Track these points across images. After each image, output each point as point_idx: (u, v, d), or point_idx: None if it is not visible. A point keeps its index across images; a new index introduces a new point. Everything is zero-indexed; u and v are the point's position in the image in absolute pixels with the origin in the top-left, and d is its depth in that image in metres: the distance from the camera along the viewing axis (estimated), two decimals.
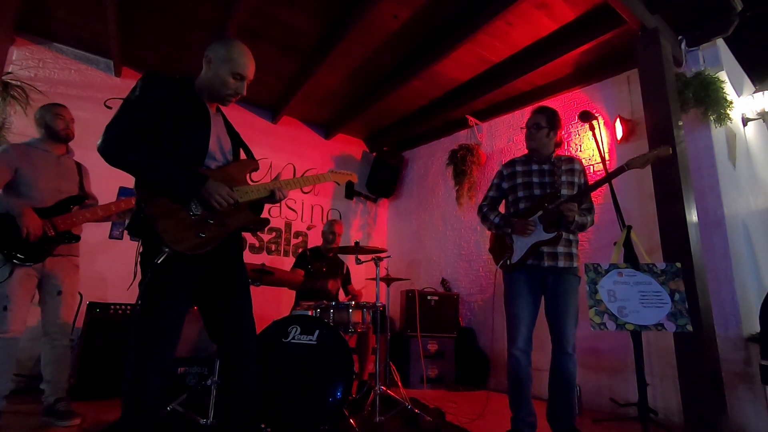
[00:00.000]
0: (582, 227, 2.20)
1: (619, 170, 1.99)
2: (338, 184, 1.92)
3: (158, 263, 1.35)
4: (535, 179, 2.28)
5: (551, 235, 2.13)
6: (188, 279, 1.45)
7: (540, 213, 2.18)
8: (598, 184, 2.09)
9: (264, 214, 1.74)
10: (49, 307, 2.35)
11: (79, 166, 2.57)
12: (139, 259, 1.45)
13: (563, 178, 2.23)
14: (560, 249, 2.17)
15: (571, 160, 2.32)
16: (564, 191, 2.20)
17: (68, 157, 2.53)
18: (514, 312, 2.19)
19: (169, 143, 1.44)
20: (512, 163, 2.40)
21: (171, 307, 1.41)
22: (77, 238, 2.41)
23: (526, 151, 2.40)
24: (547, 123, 2.26)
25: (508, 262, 2.23)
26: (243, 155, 1.75)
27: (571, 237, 2.20)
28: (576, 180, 2.27)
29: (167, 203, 1.40)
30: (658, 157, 1.97)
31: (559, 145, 2.33)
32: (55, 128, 2.42)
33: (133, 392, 1.34)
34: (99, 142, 1.37)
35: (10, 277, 2.19)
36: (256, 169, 1.71)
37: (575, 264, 2.19)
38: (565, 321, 2.10)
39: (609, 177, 2.03)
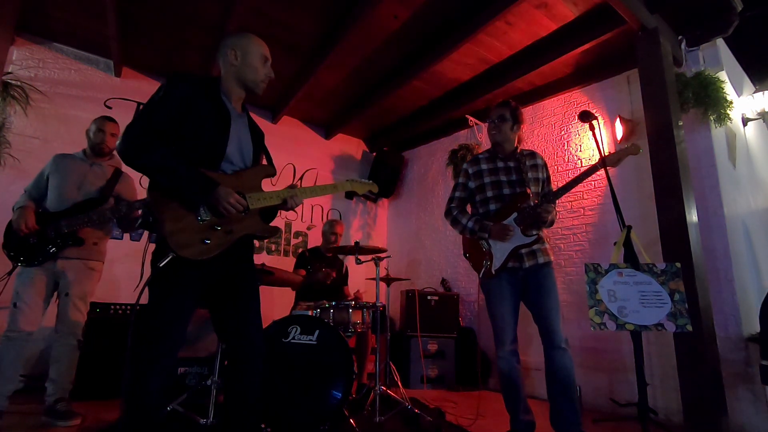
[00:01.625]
0: (552, 223, 2.21)
1: (593, 169, 2.02)
2: (357, 193, 1.90)
3: (161, 267, 1.35)
4: (503, 177, 2.24)
5: (532, 238, 2.12)
6: (193, 283, 1.44)
7: (515, 215, 2.15)
8: (573, 183, 2.09)
9: None
10: (60, 308, 2.39)
11: (116, 172, 2.60)
12: (150, 259, 1.46)
13: (530, 175, 2.22)
14: (536, 246, 2.16)
15: (533, 154, 2.32)
16: (532, 188, 2.19)
17: (103, 164, 2.58)
18: (501, 316, 2.16)
19: (189, 145, 1.44)
20: (476, 160, 2.35)
21: (174, 309, 1.40)
22: (80, 242, 2.39)
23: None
24: (510, 116, 2.25)
25: (493, 270, 2.18)
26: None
27: (541, 234, 2.19)
28: (540, 175, 2.27)
29: (177, 207, 1.40)
30: (629, 155, 2.01)
31: (521, 140, 2.34)
32: (94, 141, 2.56)
33: (133, 392, 1.34)
34: (118, 142, 1.40)
35: (20, 276, 2.27)
36: (273, 175, 1.69)
37: (551, 257, 2.20)
38: (554, 316, 2.07)
39: (583, 176, 2.05)
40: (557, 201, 2.20)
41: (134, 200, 2.51)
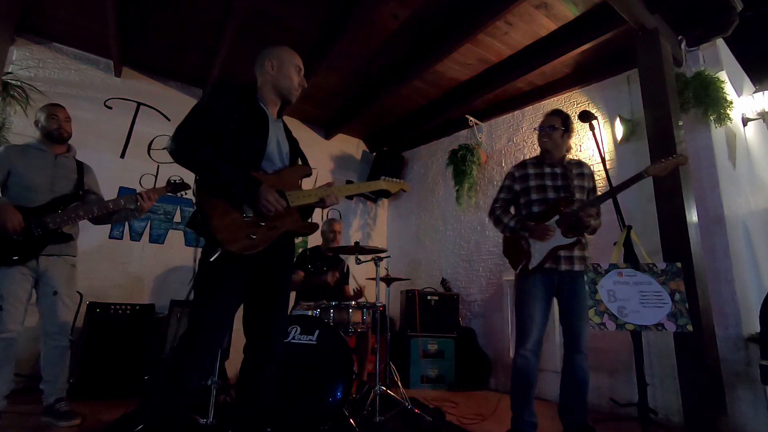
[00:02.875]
0: (594, 231, 2.25)
1: (638, 177, 2.00)
2: (391, 192, 2.05)
3: (211, 261, 1.43)
4: (548, 182, 2.29)
5: (571, 240, 2.14)
6: (239, 278, 1.50)
7: (557, 217, 2.19)
8: (616, 191, 2.04)
9: None
10: (47, 308, 2.33)
11: (80, 165, 2.55)
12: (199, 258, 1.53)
13: (575, 183, 2.26)
14: (576, 253, 2.20)
15: (581, 164, 2.36)
16: (577, 195, 2.23)
17: (67, 156, 2.52)
18: (529, 314, 2.18)
19: (231, 146, 1.53)
20: (523, 165, 2.41)
21: (220, 305, 1.46)
22: (68, 237, 2.35)
23: (526, 152, 2.40)
24: (562, 124, 2.30)
25: (529, 267, 2.21)
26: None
27: (583, 240, 2.23)
28: (586, 184, 2.31)
29: (223, 204, 1.48)
30: (678, 165, 1.99)
31: (569, 150, 2.38)
32: (48, 128, 2.45)
33: (173, 381, 1.38)
34: (169, 142, 1.48)
35: (1, 277, 2.18)
36: (309, 174, 1.79)
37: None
38: (582, 323, 2.13)
39: (626, 184, 2.02)
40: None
41: (116, 198, 2.42)
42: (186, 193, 2.58)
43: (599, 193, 2.31)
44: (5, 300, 2.18)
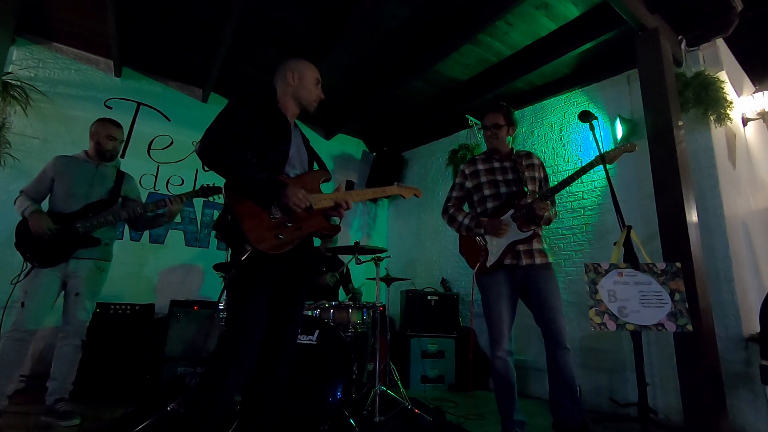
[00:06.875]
0: (549, 222, 2.24)
1: (589, 165, 2.07)
2: (403, 198, 2.07)
3: (243, 260, 1.46)
4: (500, 177, 2.28)
5: (527, 234, 2.14)
6: (269, 278, 1.53)
7: (512, 211, 2.18)
8: (569, 180, 2.12)
9: None
10: (68, 307, 2.41)
11: (120, 174, 2.66)
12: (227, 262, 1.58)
13: (526, 174, 2.25)
14: (535, 246, 2.18)
15: (530, 154, 2.36)
16: (529, 186, 2.22)
17: (107, 166, 2.63)
18: (498, 314, 2.14)
19: (256, 151, 1.57)
20: (473, 161, 2.40)
21: (254, 303, 1.48)
22: (97, 241, 2.43)
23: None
24: (505, 121, 2.30)
25: (487, 264, 2.18)
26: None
27: (541, 233, 2.22)
28: (537, 175, 2.30)
29: (251, 205, 1.51)
30: (625, 152, 2.09)
31: (513, 140, 2.39)
32: (104, 148, 2.58)
33: (210, 392, 1.40)
34: (198, 145, 1.52)
35: (30, 276, 2.28)
36: (329, 179, 1.83)
37: (551, 258, 2.21)
38: (558, 317, 2.09)
39: (579, 173, 2.09)
40: (558, 201, 2.22)
41: (146, 202, 2.57)
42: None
43: (551, 183, 2.30)
44: (29, 297, 2.27)
